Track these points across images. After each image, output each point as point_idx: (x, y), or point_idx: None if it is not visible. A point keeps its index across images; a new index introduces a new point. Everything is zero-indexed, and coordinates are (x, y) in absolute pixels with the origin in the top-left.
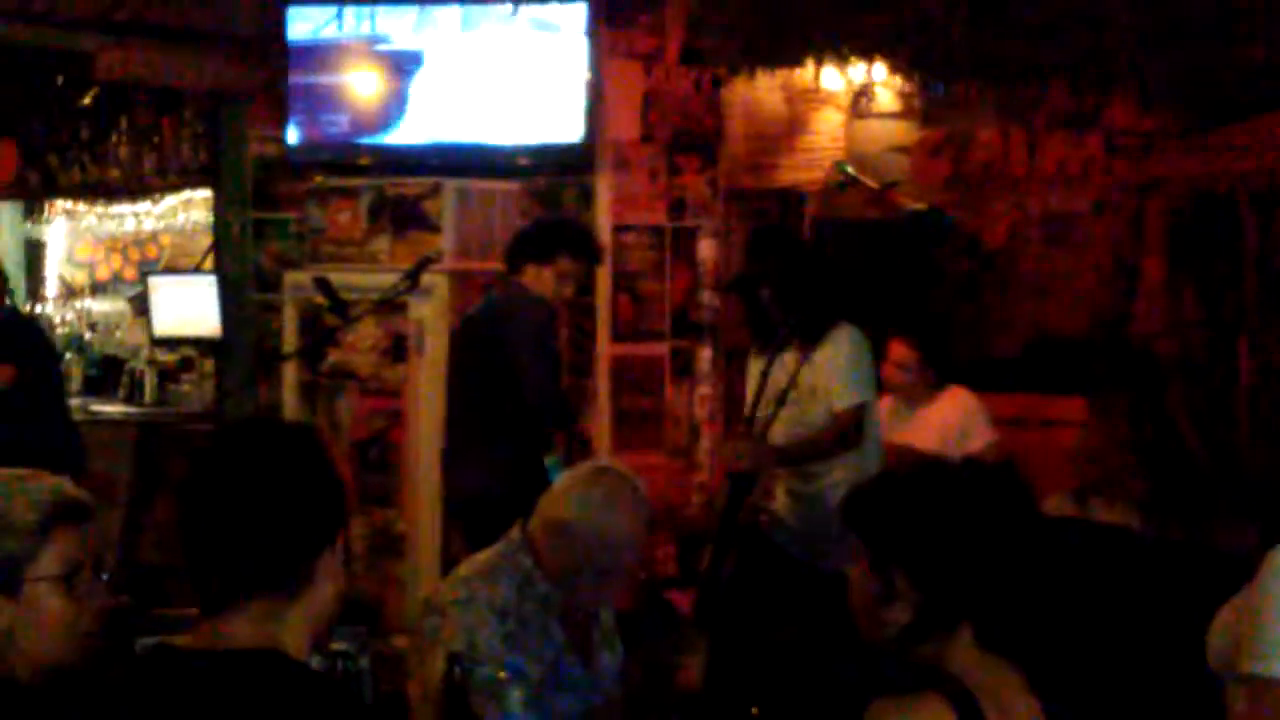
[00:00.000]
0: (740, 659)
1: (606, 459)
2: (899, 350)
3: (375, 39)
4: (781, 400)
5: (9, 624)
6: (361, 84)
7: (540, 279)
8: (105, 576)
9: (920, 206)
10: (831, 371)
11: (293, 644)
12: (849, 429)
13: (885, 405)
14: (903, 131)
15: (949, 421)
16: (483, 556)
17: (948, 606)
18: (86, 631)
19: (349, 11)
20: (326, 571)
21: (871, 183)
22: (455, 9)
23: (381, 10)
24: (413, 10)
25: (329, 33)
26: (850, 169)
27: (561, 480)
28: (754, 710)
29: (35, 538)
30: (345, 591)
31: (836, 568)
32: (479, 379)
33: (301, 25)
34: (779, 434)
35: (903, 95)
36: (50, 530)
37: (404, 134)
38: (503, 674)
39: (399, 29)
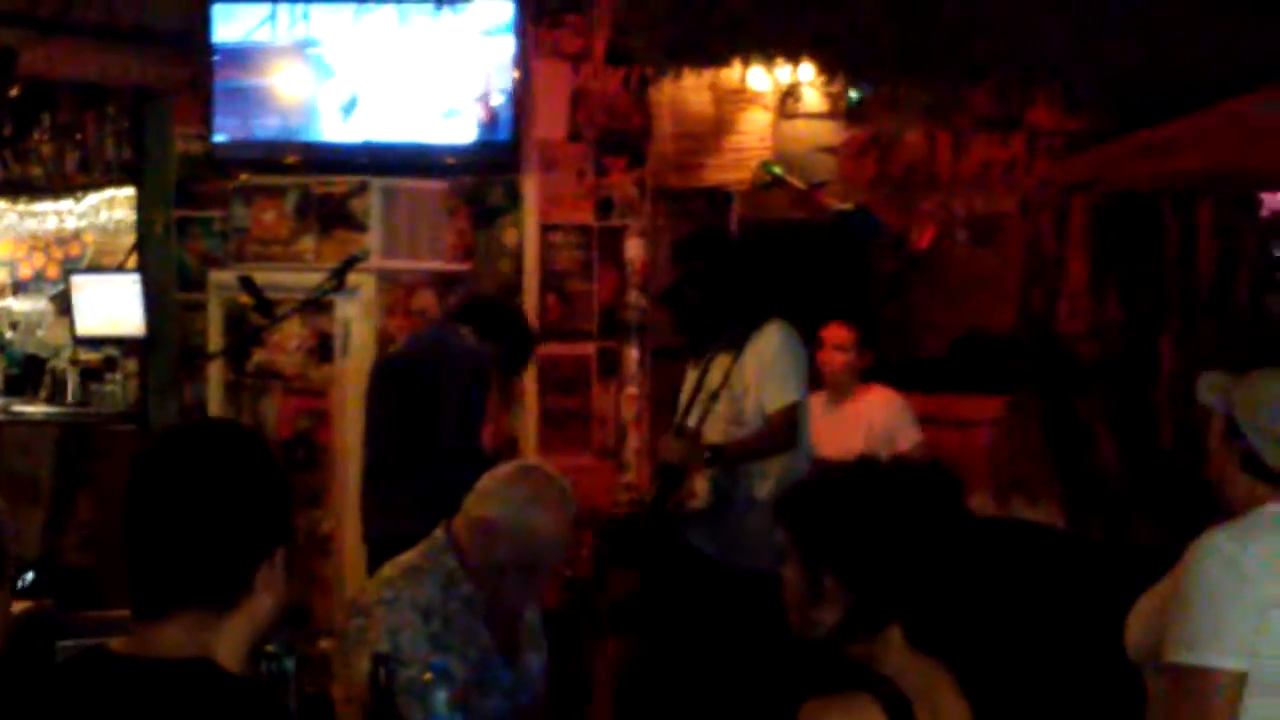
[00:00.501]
0: (666, 657)
1: (532, 458)
2: (837, 332)
3: (304, 42)
4: (714, 397)
5: None
6: (288, 84)
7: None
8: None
9: (847, 207)
10: (762, 370)
11: (226, 654)
12: (782, 430)
13: (812, 401)
14: (829, 132)
15: (875, 421)
16: (407, 557)
17: (876, 606)
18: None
19: (281, 12)
20: (266, 582)
21: (798, 183)
22: (385, 8)
23: (311, 9)
24: (343, 10)
25: (260, 35)
26: (777, 169)
27: (486, 479)
28: None
29: None
30: (285, 602)
31: (754, 568)
32: (402, 418)
33: (234, 26)
34: (713, 432)
35: (829, 96)
36: None
37: (331, 133)
38: (428, 675)
39: (328, 30)
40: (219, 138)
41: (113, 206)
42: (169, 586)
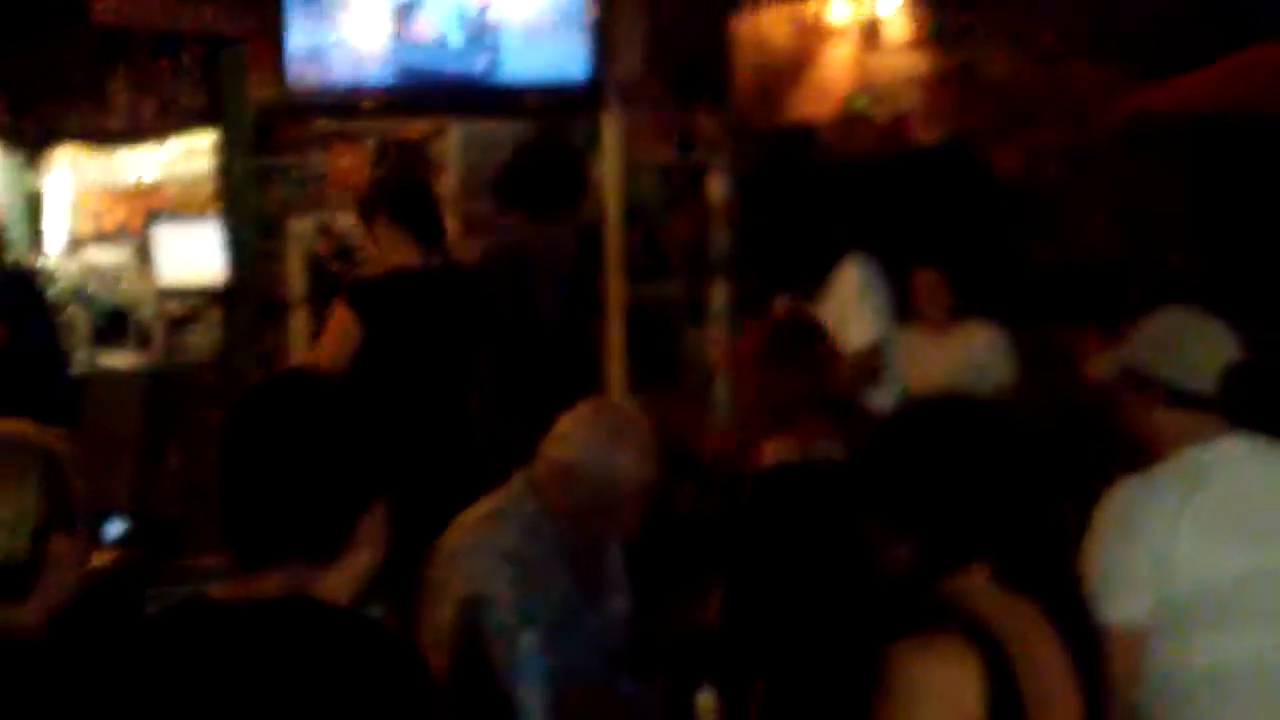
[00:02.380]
0: (751, 601)
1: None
2: (924, 278)
3: None
4: None
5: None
6: (363, 27)
7: None
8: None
9: (935, 139)
10: (843, 309)
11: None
12: (863, 368)
13: (906, 338)
14: (914, 63)
15: (971, 357)
16: (487, 504)
17: (939, 550)
18: (85, 571)
19: None
20: (369, 536)
21: (884, 116)
22: None
23: None
24: None
25: None
26: (862, 102)
27: (563, 421)
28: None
29: (43, 490)
30: (385, 557)
31: None
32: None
33: None
34: None
35: (913, 25)
36: (47, 479)
37: (408, 75)
38: (513, 620)
39: None
40: (295, 83)
41: (193, 155)
42: (269, 537)
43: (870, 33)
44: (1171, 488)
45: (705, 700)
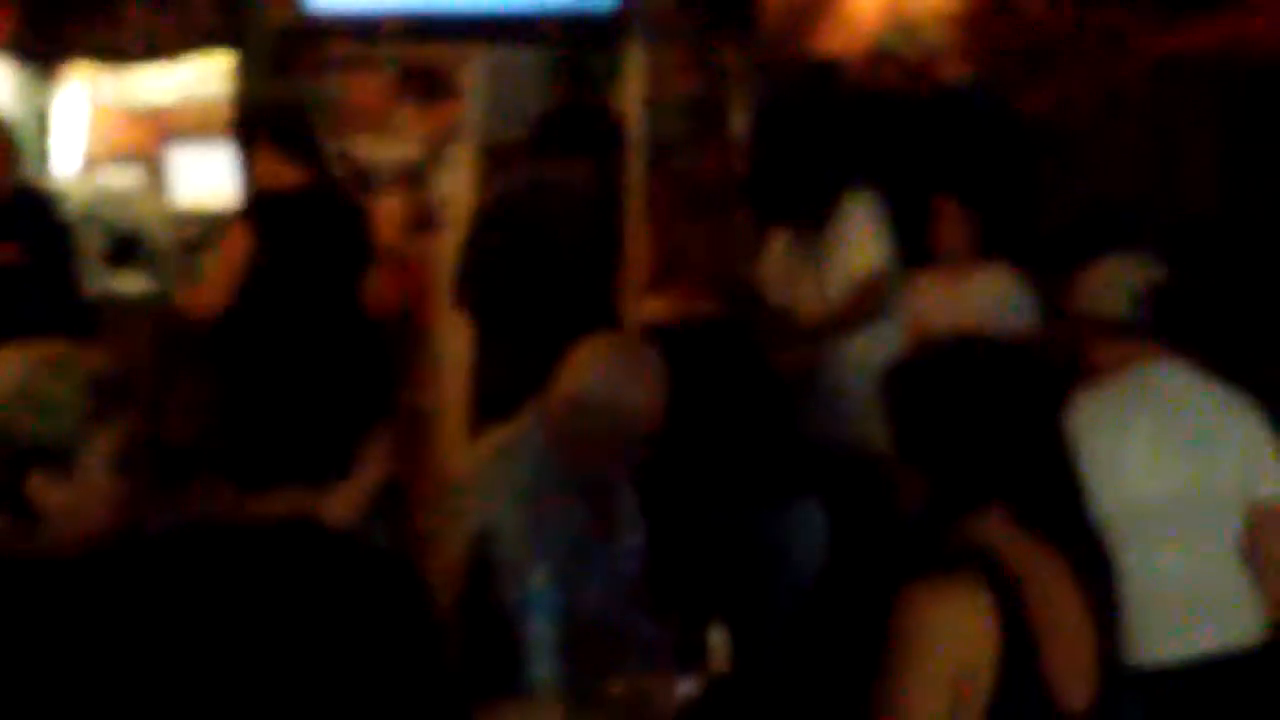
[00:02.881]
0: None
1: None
2: (946, 210)
3: None
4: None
5: (66, 505)
6: None
7: None
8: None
9: (965, 77)
10: (845, 241)
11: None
12: (866, 299)
13: (923, 281)
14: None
15: (987, 300)
16: (502, 435)
17: (955, 491)
18: (134, 508)
19: None
20: (370, 460)
21: (914, 54)
22: None
23: None
24: None
25: None
26: (894, 40)
27: (575, 354)
28: None
29: (88, 419)
30: (386, 479)
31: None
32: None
33: None
34: (802, 304)
35: None
36: (102, 410)
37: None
38: (524, 555)
39: None
40: (315, 6)
41: (208, 77)
42: (269, 462)
43: None
44: (1114, 405)
45: (716, 637)
